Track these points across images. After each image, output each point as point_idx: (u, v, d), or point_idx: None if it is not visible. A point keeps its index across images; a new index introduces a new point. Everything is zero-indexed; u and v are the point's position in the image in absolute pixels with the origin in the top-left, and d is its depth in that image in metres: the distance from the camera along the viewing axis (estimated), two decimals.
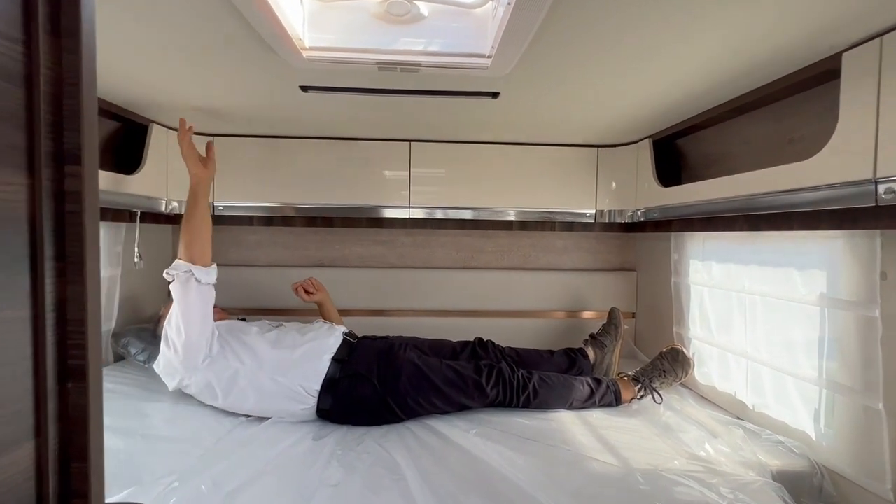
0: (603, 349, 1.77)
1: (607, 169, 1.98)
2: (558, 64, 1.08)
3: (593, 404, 1.48)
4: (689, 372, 1.56)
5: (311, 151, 1.91)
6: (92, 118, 0.38)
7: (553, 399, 1.45)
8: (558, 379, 1.50)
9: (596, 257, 2.24)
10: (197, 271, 1.32)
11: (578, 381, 1.51)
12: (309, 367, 1.36)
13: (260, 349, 1.37)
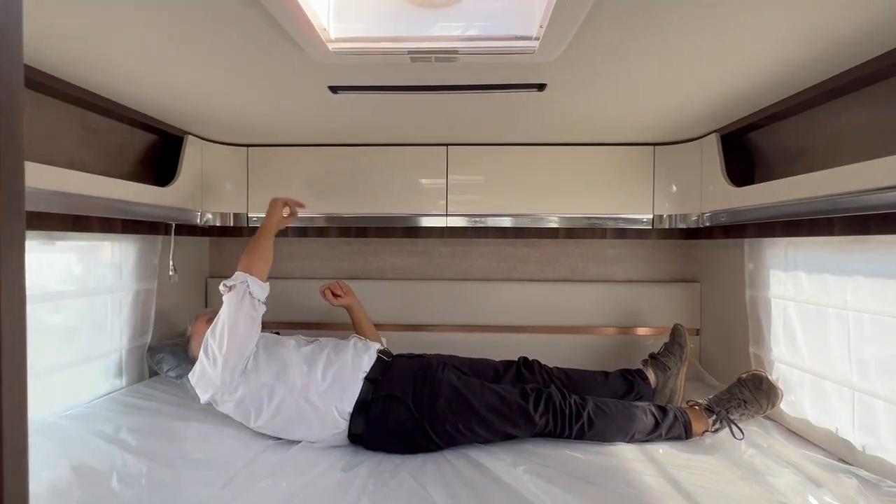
0: (665, 372, 1.57)
1: (666, 169, 1.79)
2: (614, 45, 0.93)
3: (659, 437, 1.29)
4: (777, 403, 1.33)
5: (344, 159, 1.84)
6: (14, 89, 0.28)
7: (611, 430, 1.27)
8: (617, 407, 1.32)
9: (653, 267, 2.02)
10: (252, 283, 1.32)
11: (640, 409, 1.32)
12: (343, 387, 1.27)
13: (294, 366, 1.30)
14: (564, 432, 1.26)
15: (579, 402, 1.31)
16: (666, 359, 1.59)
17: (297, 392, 1.25)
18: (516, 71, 1.05)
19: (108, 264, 1.54)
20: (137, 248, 1.61)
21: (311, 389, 1.25)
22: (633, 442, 1.28)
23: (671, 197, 1.79)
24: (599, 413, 1.29)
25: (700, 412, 1.33)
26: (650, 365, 1.61)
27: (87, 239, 1.43)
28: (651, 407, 1.33)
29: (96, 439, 1.20)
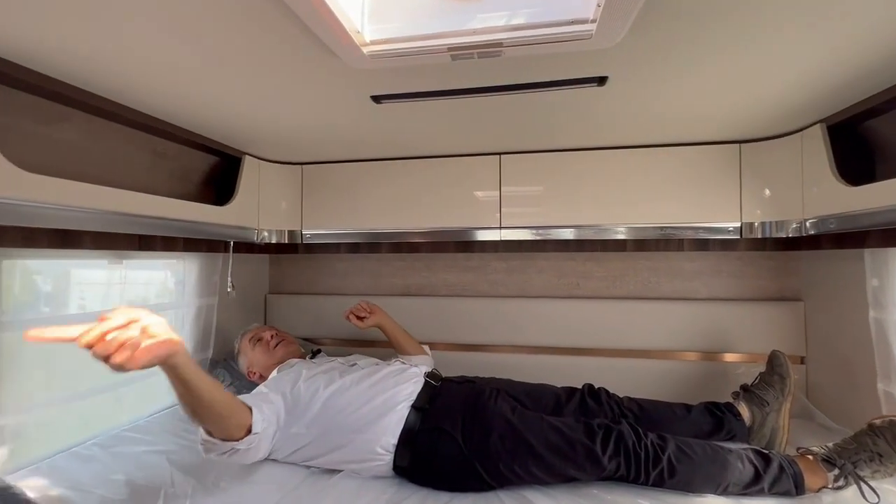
0: (763, 407, 1.32)
1: (756, 169, 1.54)
2: (688, 25, 0.79)
3: (760, 491, 1.06)
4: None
5: (393, 174, 1.80)
6: None
7: (698, 480, 1.07)
8: (704, 450, 1.11)
9: (742, 283, 1.75)
10: (232, 455, 1.03)
11: (735, 454, 1.10)
12: (385, 421, 1.17)
13: (332, 409, 1.19)
14: (640, 478, 1.08)
15: (657, 442, 1.12)
16: (763, 391, 1.34)
17: (337, 435, 1.17)
18: (572, 63, 0.93)
19: (171, 281, 1.61)
20: (199, 265, 1.67)
21: (350, 429, 1.16)
22: (726, 495, 1.06)
23: (764, 202, 1.54)
24: (683, 457, 1.09)
25: (816, 463, 1.08)
26: (743, 398, 1.36)
27: (152, 257, 1.51)
28: (748, 452, 1.11)
29: (152, 455, 1.22)
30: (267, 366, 1.48)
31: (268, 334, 1.57)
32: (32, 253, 1.15)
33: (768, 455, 1.10)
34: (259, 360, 1.52)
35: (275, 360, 1.49)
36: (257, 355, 1.53)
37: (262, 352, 1.53)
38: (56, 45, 0.87)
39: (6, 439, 1.10)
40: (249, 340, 1.58)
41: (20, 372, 1.15)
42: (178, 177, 1.57)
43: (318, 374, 1.30)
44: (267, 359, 1.51)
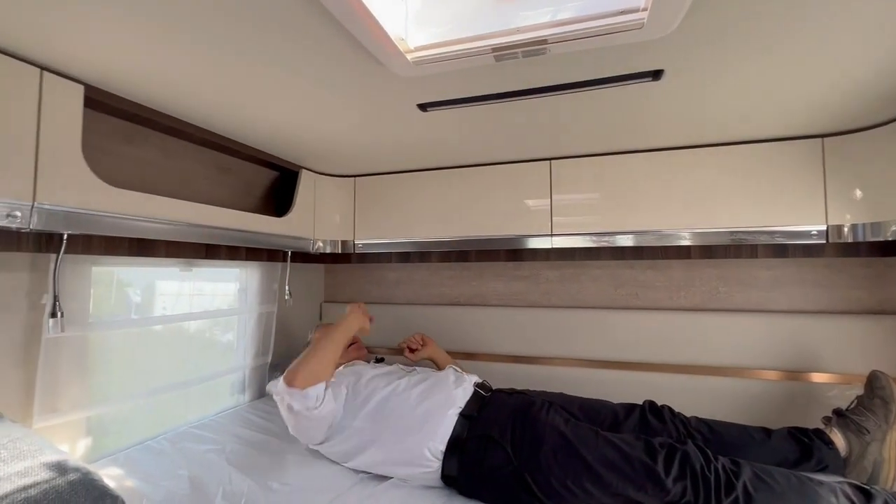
0: (862, 436, 1.15)
1: (842, 165, 1.37)
2: (752, 6, 0.72)
3: None
4: None
5: (442, 183, 1.81)
6: None
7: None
8: (788, 480, 0.98)
9: (832, 294, 1.56)
10: (292, 397, 1.19)
11: (827, 488, 0.96)
12: (434, 424, 1.17)
13: (386, 408, 1.23)
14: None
15: (730, 467, 1.01)
16: (862, 418, 1.17)
17: (390, 434, 1.18)
18: (622, 57, 0.88)
19: (234, 288, 1.71)
20: (259, 274, 1.76)
21: (402, 430, 1.18)
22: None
23: (854, 202, 1.36)
24: (761, 486, 0.97)
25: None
26: (837, 425, 1.20)
27: (218, 266, 1.61)
28: (845, 487, 0.96)
29: (214, 453, 1.28)
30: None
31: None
32: (116, 260, 1.27)
33: (870, 491, 0.95)
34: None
35: (343, 359, 1.50)
36: None
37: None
38: (140, 74, 0.97)
39: (91, 430, 1.21)
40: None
41: (104, 369, 1.27)
42: (240, 190, 1.68)
43: (379, 375, 1.35)
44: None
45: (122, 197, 1.08)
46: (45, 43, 0.85)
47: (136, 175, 1.25)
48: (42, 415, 1.06)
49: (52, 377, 1.09)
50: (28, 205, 0.90)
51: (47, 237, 1.02)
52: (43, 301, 1.06)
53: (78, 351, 1.16)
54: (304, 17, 0.76)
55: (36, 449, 0.86)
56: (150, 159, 1.30)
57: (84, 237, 1.09)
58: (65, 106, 0.97)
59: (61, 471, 0.84)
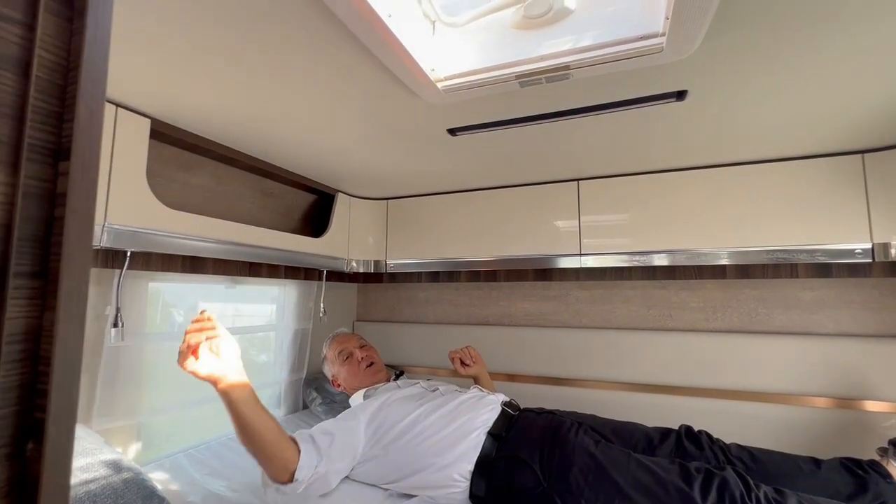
0: None
1: (885, 181, 1.33)
2: (767, 22, 0.74)
3: None
4: None
5: (472, 204, 1.86)
6: (93, 107, 0.31)
7: None
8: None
9: (882, 316, 1.48)
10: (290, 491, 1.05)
11: None
12: (461, 447, 1.16)
13: (413, 434, 1.20)
14: None
15: (774, 496, 0.96)
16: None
17: (417, 459, 1.16)
18: (645, 79, 0.92)
19: (273, 305, 1.80)
20: (297, 292, 1.85)
21: (430, 454, 1.16)
22: None
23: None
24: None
25: None
26: (894, 457, 1.12)
27: (258, 283, 1.70)
28: None
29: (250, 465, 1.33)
30: (352, 385, 1.53)
31: (358, 354, 1.58)
32: (170, 276, 1.37)
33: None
34: (345, 377, 1.56)
35: (361, 383, 1.52)
36: (345, 371, 1.56)
37: (350, 371, 1.56)
38: (199, 108, 1.08)
39: (141, 436, 1.29)
40: (339, 354, 1.60)
41: (155, 380, 1.36)
42: (281, 213, 1.79)
43: (401, 399, 1.32)
44: (353, 379, 1.54)
45: (178, 218, 1.19)
46: (121, 82, 0.97)
47: (191, 199, 1.36)
48: (100, 418, 1.15)
49: (110, 384, 1.18)
50: (100, 225, 1.00)
51: (113, 254, 1.13)
52: (106, 312, 1.16)
53: (134, 360, 1.26)
54: (346, 56, 0.84)
55: (96, 448, 0.93)
56: (203, 185, 1.42)
57: (144, 254, 1.20)
58: (134, 137, 1.09)
59: (117, 469, 0.90)
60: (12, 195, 0.29)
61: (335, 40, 0.79)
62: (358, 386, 1.52)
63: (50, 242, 0.30)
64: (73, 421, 0.29)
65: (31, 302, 0.29)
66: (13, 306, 0.28)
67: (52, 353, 0.28)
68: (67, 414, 0.29)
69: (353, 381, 1.54)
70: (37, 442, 0.28)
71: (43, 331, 0.29)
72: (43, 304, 0.29)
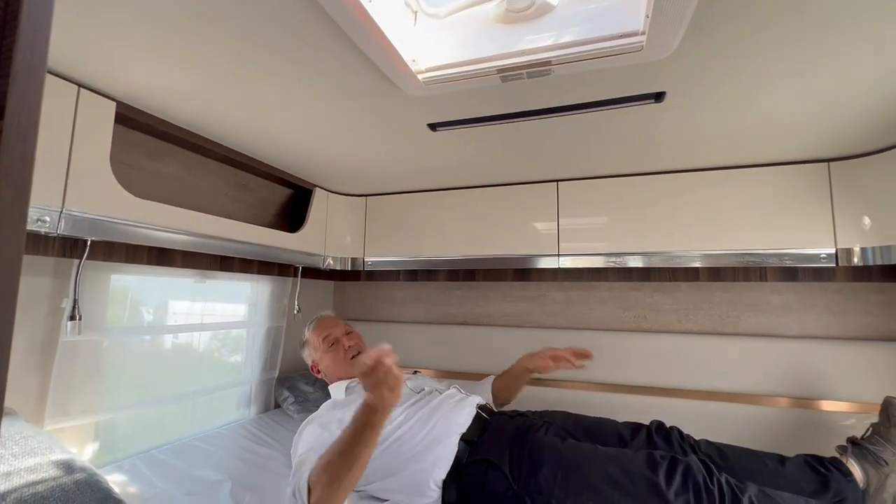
0: (880, 468, 1.11)
1: (850, 189, 1.38)
2: (745, 28, 0.75)
3: None
4: None
5: (451, 203, 1.85)
6: (33, 64, 0.29)
7: None
8: (796, 502, 0.95)
9: (843, 320, 1.53)
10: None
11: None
12: (437, 451, 1.13)
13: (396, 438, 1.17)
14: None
15: (735, 483, 0.98)
16: (879, 448, 1.13)
17: (393, 457, 1.13)
18: (625, 79, 0.92)
19: (245, 302, 1.74)
20: (270, 288, 1.79)
21: (405, 453, 1.13)
22: None
23: (863, 226, 1.36)
24: (768, 502, 0.94)
25: None
26: (853, 455, 1.16)
27: (230, 279, 1.65)
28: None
29: (215, 465, 1.28)
30: (335, 373, 1.42)
31: (345, 341, 1.45)
32: (135, 269, 1.31)
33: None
34: (328, 365, 1.44)
35: (345, 373, 1.41)
36: (328, 359, 1.43)
37: (334, 359, 1.42)
38: (166, 91, 1.03)
39: (99, 436, 1.22)
40: (324, 339, 1.46)
41: (115, 377, 1.29)
42: (256, 207, 1.74)
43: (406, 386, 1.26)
44: (336, 368, 1.42)
45: (144, 207, 1.13)
46: (84, 61, 0.92)
47: (158, 189, 1.31)
48: (53, 417, 1.09)
49: (65, 381, 1.12)
50: (57, 211, 0.95)
51: (72, 243, 1.07)
52: (63, 305, 1.10)
53: (92, 356, 1.19)
54: (324, 42, 0.81)
55: (46, 447, 0.88)
56: (172, 174, 1.37)
57: (106, 244, 1.14)
58: (97, 120, 1.03)
59: (68, 470, 0.85)
60: None
61: (313, 25, 0.77)
62: (341, 375, 1.41)
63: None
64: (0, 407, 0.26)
65: None
66: None
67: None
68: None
69: (335, 369, 1.43)
70: None
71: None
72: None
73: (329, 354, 1.43)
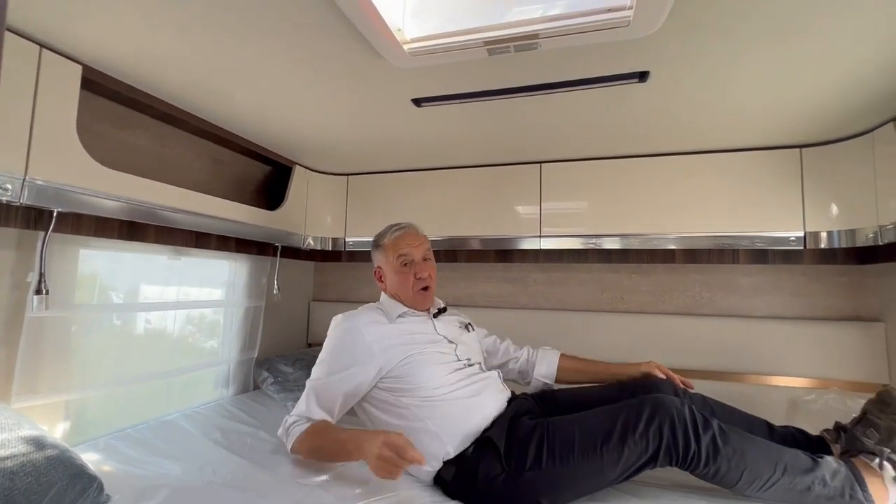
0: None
1: (820, 175, 1.43)
2: (729, 9, 0.76)
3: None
4: None
5: (434, 183, 1.84)
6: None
7: (756, 459, 0.94)
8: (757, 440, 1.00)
9: (810, 301, 1.60)
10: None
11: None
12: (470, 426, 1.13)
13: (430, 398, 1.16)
14: (690, 452, 0.94)
15: (707, 415, 1.00)
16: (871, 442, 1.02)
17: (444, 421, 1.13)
18: (610, 56, 0.92)
19: (223, 281, 1.70)
20: (248, 268, 1.76)
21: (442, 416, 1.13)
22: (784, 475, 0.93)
23: (831, 210, 1.42)
24: (732, 432, 0.98)
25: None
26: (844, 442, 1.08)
27: (207, 256, 1.61)
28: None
29: (195, 444, 1.26)
30: (395, 292, 1.33)
31: (420, 270, 1.31)
32: (105, 244, 1.26)
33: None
34: (393, 282, 1.33)
35: (405, 300, 1.32)
36: (394, 278, 1.32)
37: (401, 281, 1.31)
38: (135, 55, 0.98)
39: (70, 415, 1.18)
40: (398, 257, 1.31)
41: (87, 355, 1.25)
42: (233, 183, 1.69)
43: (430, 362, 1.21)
44: (399, 290, 1.32)
45: (114, 178, 1.09)
46: (46, 20, 0.86)
47: (128, 161, 1.25)
48: (21, 395, 1.05)
49: (32, 358, 1.07)
50: (19, 179, 0.90)
51: (37, 213, 1.02)
52: (28, 279, 1.05)
53: (61, 333, 1.15)
54: (306, 7, 0.78)
55: (14, 423, 0.85)
56: (143, 146, 1.31)
57: (74, 216, 1.09)
58: (62, 84, 0.98)
59: (39, 446, 0.83)
60: None
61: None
62: (401, 299, 1.31)
63: None
64: None
65: None
66: None
67: None
68: None
69: (397, 290, 1.32)
70: None
71: None
72: None
73: (399, 276, 1.31)
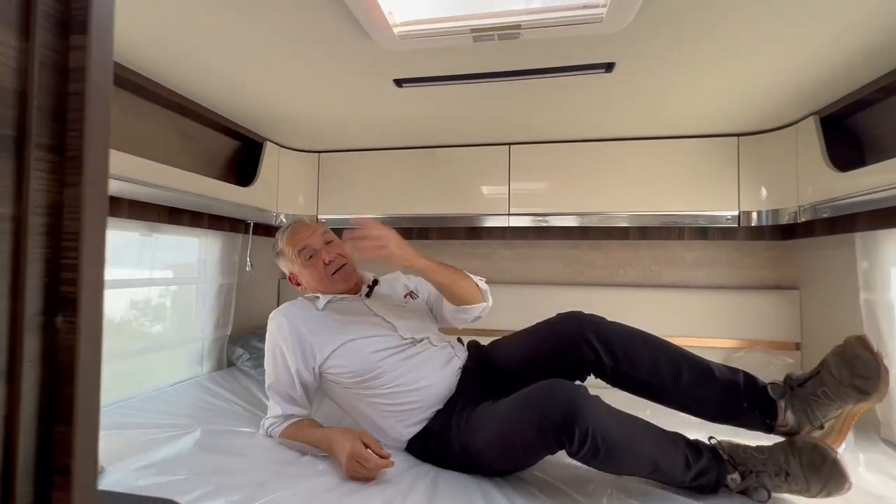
0: (813, 422, 0.95)
1: (753, 161, 1.62)
2: (688, 15, 0.87)
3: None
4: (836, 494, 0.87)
5: (406, 162, 1.89)
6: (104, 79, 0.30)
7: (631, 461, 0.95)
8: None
9: (741, 273, 1.82)
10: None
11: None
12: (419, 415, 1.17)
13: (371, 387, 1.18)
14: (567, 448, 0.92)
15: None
16: (824, 402, 0.94)
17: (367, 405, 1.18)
18: (583, 48, 1.01)
19: (195, 258, 1.68)
20: (221, 244, 1.74)
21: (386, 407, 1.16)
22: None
23: (761, 192, 1.62)
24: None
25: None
26: (791, 406, 0.97)
27: (180, 233, 1.58)
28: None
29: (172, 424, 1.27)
30: (316, 288, 1.29)
31: (325, 255, 1.26)
32: None
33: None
34: (307, 278, 1.29)
35: (327, 289, 1.28)
36: (307, 273, 1.28)
37: (313, 274, 1.27)
38: None
39: None
40: (299, 253, 1.27)
41: None
42: (202, 159, 1.65)
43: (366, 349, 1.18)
44: (317, 283, 1.28)
45: None
46: None
47: None
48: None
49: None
50: None
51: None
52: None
53: None
54: None
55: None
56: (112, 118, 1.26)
57: None
58: None
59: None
60: (26, 62, 0.27)
61: None
62: (323, 290, 1.28)
63: (66, 119, 0.29)
64: (102, 295, 0.30)
65: (51, 177, 0.28)
66: (36, 178, 0.27)
67: (81, 228, 0.28)
68: (96, 288, 0.29)
69: (316, 284, 1.28)
70: (68, 315, 0.28)
71: (65, 207, 0.29)
72: (62, 179, 0.29)
73: (307, 270, 1.27)
